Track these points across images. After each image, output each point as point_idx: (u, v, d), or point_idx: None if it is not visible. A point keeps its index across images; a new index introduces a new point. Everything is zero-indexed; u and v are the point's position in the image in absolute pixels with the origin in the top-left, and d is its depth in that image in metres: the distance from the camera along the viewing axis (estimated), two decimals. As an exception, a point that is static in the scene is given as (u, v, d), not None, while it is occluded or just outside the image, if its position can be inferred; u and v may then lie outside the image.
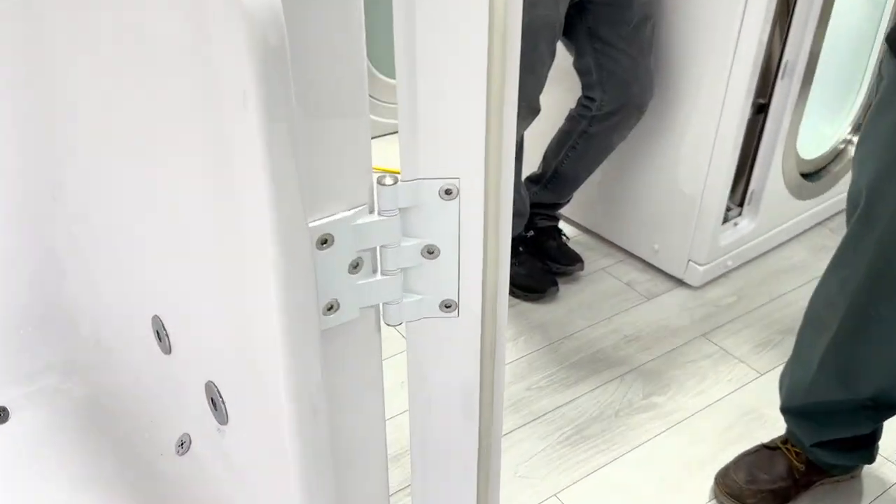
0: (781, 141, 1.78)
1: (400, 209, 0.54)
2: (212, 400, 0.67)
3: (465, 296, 0.60)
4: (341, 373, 0.59)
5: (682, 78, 1.69)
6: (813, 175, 1.99)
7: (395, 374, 0.75)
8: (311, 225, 0.50)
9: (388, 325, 0.60)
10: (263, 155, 0.45)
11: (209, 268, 0.61)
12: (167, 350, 0.74)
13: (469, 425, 0.68)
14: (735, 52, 1.58)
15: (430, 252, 0.57)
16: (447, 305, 0.60)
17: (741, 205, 1.86)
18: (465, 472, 0.70)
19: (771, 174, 1.82)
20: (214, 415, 0.68)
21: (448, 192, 0.54)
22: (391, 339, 0.68)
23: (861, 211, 1.02)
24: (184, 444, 0.74)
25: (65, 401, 0.79)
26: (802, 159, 1.92)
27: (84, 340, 0.81)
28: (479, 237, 0.57)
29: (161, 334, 0.74)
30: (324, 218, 0.52)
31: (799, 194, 1.94)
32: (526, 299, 1.79)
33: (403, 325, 0.61)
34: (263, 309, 0.52)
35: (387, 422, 0.64)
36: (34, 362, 0.80)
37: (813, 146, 1.98)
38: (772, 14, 1.55)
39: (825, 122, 2.03)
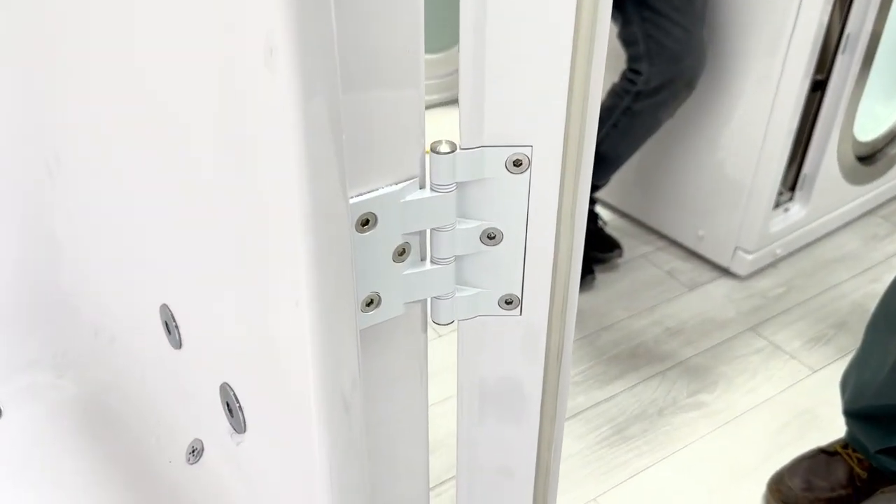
0: (839, 121, 1.65)
1: (457, 184, 0.45)
2: (227, 404, 0.58)
3: (529, 291, 0.50)
4: (381, 379, 0.50)
5: (734, 51, 1.57)
6: (868, 159, 1.86)
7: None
8: (350, 202, 0.41)
9: (437, 323, 0.50)
10: (295, 120, 0.35)
11: (227, 251, 0.52)
12: (177, 345, 0.65)
13: (527, 437, 0.58)
14: (795, 23, 1.45)
15: (491, 237, 0.47)
16: (508, 301, 0.50)
17: (792, 189, 1.74)
18: (521, 492, 0.61)
19: (826, 157, 1.69)
20: (230, 421, 0.59)
21: (517, 163, 0.44)
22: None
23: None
24: (195, 452, 0.65)
25: (60, 398, 0.70)
26: (858, 142, 1.79)
27: (82, 331, 0.72)
28: (551, 221, 0.47)
29: (170, 326, 0.65)
30: (365, 194, 0.42)
31: (853, 179, 1.82)
32: (560, 287, 1.69)
33: (457, 324, 0.51)
34: (291, 302, 0.42)
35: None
36: (26, 355, 0.71)
37: (869, 128, 1.85)
38: (833, -17, 1.43)
39: (882, 103, 1.90)
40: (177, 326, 0.64)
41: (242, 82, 0.37)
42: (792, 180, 1.74)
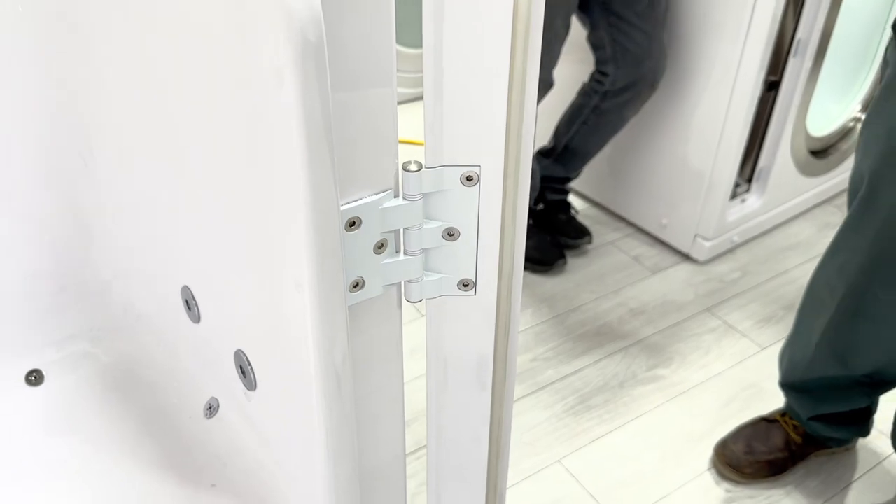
0: (791, 118, 1.79)
1: (423, 194, 0.58)
2: (240, 367, 0.71)
3: (482, 276, 0.63)
4: (365, 345, 0.63)
5: (694, 54, 1.70)
6: (821, 152, 2.00)
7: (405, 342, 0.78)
8: (342, 208, 0.53)
9: (409, 301, 0.63)
10: (300, 143, 0.47)
11: (241, 242, 0.65)
12: (196, 319, 0.78)
13: (483, 396, 0.72)
14: (749, 29, 1.58)
15: (451, 234, 0.60)
16: (465, 284, 0.63)
17: (749, 181, 1.88)
18: (478, 440, 0.74)
19: (780, 151, 1.83)
20: (243, 381, 0.72)
21: (469, 178, 0.57)
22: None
23: (863, 195, 1.04)
24: (212, 408, 0.78)
25: (95, 365, 0.83)
26: (811, 136, 1.93)
27: (114, 307, 0.84)
28: (496, 221, 0.60)
29: (190, 304, 0.78)
30: (353, 202, 0.55)
31: (807, 171, 1.96)
32: (534, 272, 1.83)
33: (423, 301, 0.64)
34: (295, 285, 0.55)
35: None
36: (65, 327, 0.84)
37: (822, 123, 1.99)
38: (785, -9, 1.56)
39: (835, 99, 2.04)
40: (196, 304, 0.76)
41: (258, 105, 0.50)
42: (749, 173, 1.87)
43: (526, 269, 1.83)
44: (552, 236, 1.87)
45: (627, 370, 1.56)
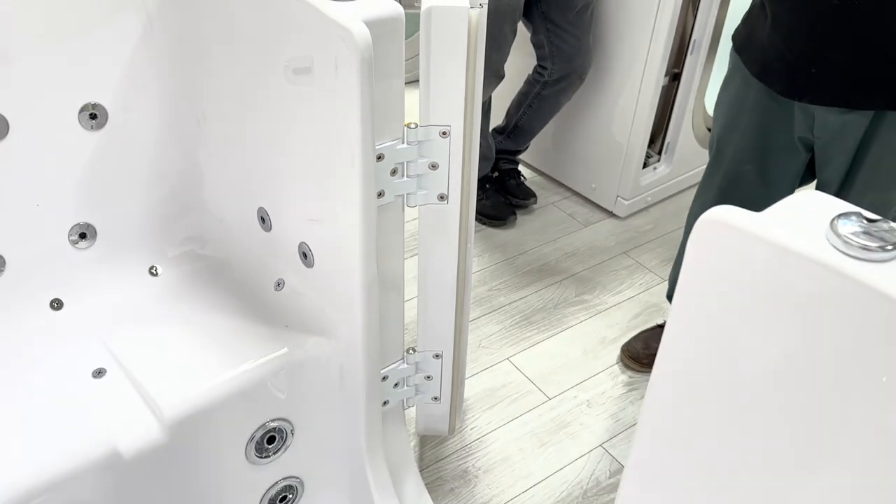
0: (691, 102, 2.27)
1: (418, 141, 1.03)
2: (303, 253, 1.16)
3: (452, 192, 1.09)
4: (383, 232, 1.08)
5: (613, 52, 2.16)
6: (719, 131, 2.49)
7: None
8: (375, 148, 0.98)
9: (409, 206, 1.08)
10: (358, 110, 0.92)
11: (308, 175, 1.09)
12: (268, 229, 1.22)
13: (451, 265, 1.17)
14: (653, 34, 2.05)
15: (433, 166, 1.06)
16: (441, 197, 1.09)
17: (660, 153, 2.37)
18: (449, 295, 1.20)
19: (683, 129, 2.32)
20: (304, 262, 1.16)
21: (444, 133, 1.03)
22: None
23: (713, 152, 1.51)
24: (280, 284, 1.23)
25: (200, 260, 1.27)
26: (709, 116, 2.41)
27: (214, 222, 1.28)
28: (459, 158, 1.05)
29: (265, 220, 1.22)
30: (380, 145, 1.00)
31: (705, 144, 2.44)
32: (490, 226, 2.28)
33: (418, 207, 1.09)
34: (348, 197, 1.00)
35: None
36: (180, 235, 1.27)
37: (721, 107, 2.48)
38: (681, 2, 2.02)
39: (732, 88, 2.53)
40: (269, 218, 1.20)
41: (331, 87, 0.94)
42: (659, 146, 2.36)
43: (484, 223, 2.29)
44: (505, 197, 2.33)
45: (561, 296, 2.04)
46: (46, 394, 1.05)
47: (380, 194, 1.03)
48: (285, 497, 1.22)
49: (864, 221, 0.53)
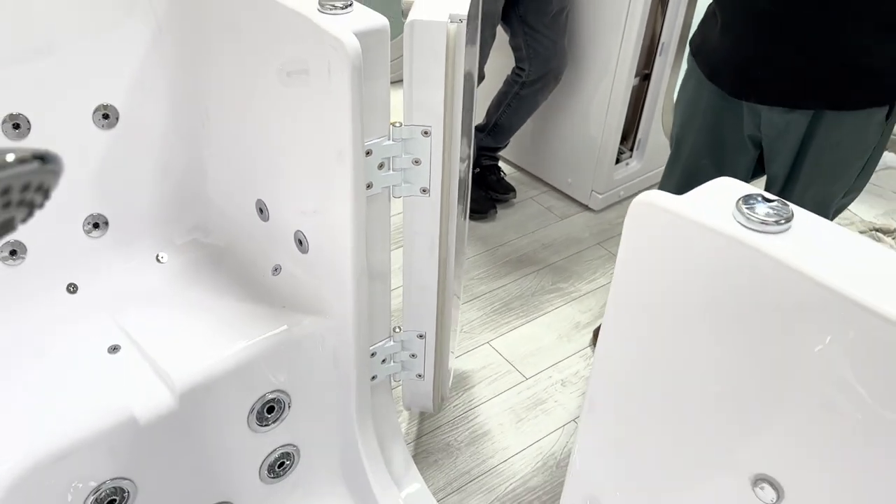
0: (660, 101, 2.41)
1: (403, 139, 1.15)
2: (298, 241, 1.27)
3: (433, 185, 1.20)
4: (371, 221, 1.20)
5: (587, 54, 2.29)
6: (689, 128, 2.63)
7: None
8: (364, 144, 1.10)
9: (395, 197, 1.20)
10: (348, 110, 1.04)
11: (302, 169, 1.20)
12: (266, 219, 1.34)
13: (434, 252, 1.29)
14: (622, 36, 2.18)
15: (416, 162, 1.18)
16: (424, 190, 1.21)
17: (632, 149, 2.50)
18: (431, 278, 1.32)
19: (653, 126, 2.45)
20: (299, 248, 1.28)
21: (426, 133, 1.14)
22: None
23: (673, 148, 1.64)
24: (277, 269, 1.34)
25: (204, 248, 1.38)
26: (680, 116, 2.55)
27: (216, 213, 1.40)
28: (440, 156, 1.17)
29: (263, 210, 1.33)
30: (368, 142, 1.11)
31: (677, 143, 2.58)
32: (472, 219, 2.41)
33: (402, 199, 1.21)
34: (340, 188, 1.11)
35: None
36: (185, 225, 1.39)
37: (691, 106, 2.61)
38: (650, 6, 2.15)
39: (700, 88, 2.66)
40: (267, 209, 1.32)
41: (324, 90, 1.06)
42: (631, 143, 2.49)
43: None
44: (486, 192, 2.46)
45: (538, 284, 2.16)
46: (68, 367, 1.16)
47: (368, 186, 1.15)
48: (283, 463, 1.34)
49: (764, 201, 0.66)
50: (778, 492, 0.70)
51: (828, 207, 1.48)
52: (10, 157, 0.34)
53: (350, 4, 1.03)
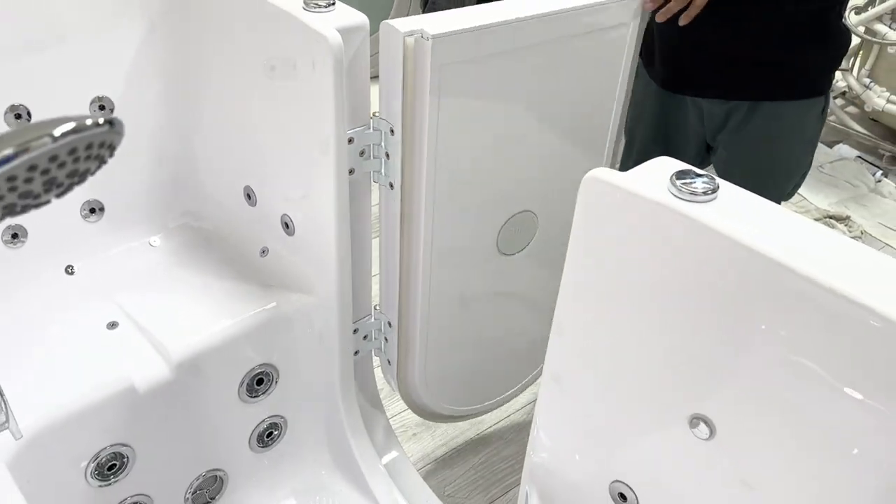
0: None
1: (381, 130, 1.24)
2: (285, 223, 1.36)
3: (395, 181, 1.29)
4: (354, 203, 1.29)
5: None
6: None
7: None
8: (346, 133, 1.19)
9: (374, 182, 1.29)
10: (331, 101, 1.13)
11: (289, 157, 1.29)
12: (254, 205, 1.43)
13: (395, 247, 1.38)
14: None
15: (388, 156, 1.27)
16: (391, 185, 1.30)
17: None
18: (394, 273, 1.41)
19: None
20: (285, 231, 1.37)
21: (392, 130, 1.23)
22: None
23: (627, 138, 1.74)
24: (265, 251, 1.43)
25: (195, 232, 1.47)
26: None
27: (207, 198, 1.48)
28: (399, 149, 1.27)
29: (251, 196, 1.42)
30: (351, 130, 1.21)
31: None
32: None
33: (379, 193, 1.30)
34: (324, 174, 1.20)
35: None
36: (177, 210, 1.47)
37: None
38: None
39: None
40: (255, 194, 1.40)
41: (303, 79, 1.15)
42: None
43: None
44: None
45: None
46: (68, 342, 1.24)
47: (351, 171, 1.24)
48: (271, 433, 1.43)
49: (695, 176, 0.76)
50: (711, 429, 0.81)
51: (769, 197, 1.59)
52: (90, 122, 0.44)
53: (333, 3, 1.12)
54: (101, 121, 0.46)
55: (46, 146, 0.44)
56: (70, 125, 0.45)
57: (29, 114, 1.27)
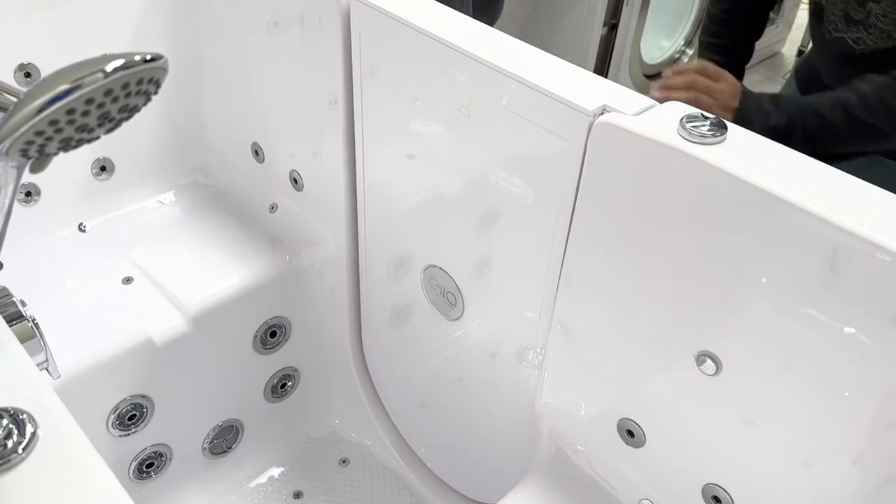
0: (627, 51, 2.52)
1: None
2: (294, 179, 1.38)
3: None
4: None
5: (555, 4, 2.39)
6: (654, 77, 2.75)
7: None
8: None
9: (382, 136, 1.31)
10: (340, 53, 1.14)
11: (296, 112, 1.31)
12: (261, 161, 1.44)
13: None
14: (591, -11, 2.29)
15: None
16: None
17: (601, 97, 2.61)
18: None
19: (621, 75, 2.56)
20: (294, 187, 1.39)
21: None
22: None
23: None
24: (274, 207, 1.45)
25: (205, 189, 1.49)
26: (647, 64, 2.67)
27: (216, 156, 1.49)
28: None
29: (259, 153, 1.43)
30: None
31: (642, 90, 2.70)
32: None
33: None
34: (333, 129, 1.22)
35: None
36: (187, 167, 1.48)
37: (656, 55, 2.73)
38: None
39: (665, 36, 2.78)
40: (262, 151, 1.42)
41: (310, 35, 1.16)
42: (600, 91, 2.60)
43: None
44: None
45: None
46: (87, 297, 1.27)
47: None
48: (285, 384, 1.46)
49: (703, 119, 0.78)
50: (717, 365, 0.84)
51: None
52: (138, 58, 0.46)
53: (339, -41, 1.12)
54: (148, 56, 0.48)
55: (99, 81, 0.46)
56: (120, 61, 0.47)
57: (39, 72, 1.27)
